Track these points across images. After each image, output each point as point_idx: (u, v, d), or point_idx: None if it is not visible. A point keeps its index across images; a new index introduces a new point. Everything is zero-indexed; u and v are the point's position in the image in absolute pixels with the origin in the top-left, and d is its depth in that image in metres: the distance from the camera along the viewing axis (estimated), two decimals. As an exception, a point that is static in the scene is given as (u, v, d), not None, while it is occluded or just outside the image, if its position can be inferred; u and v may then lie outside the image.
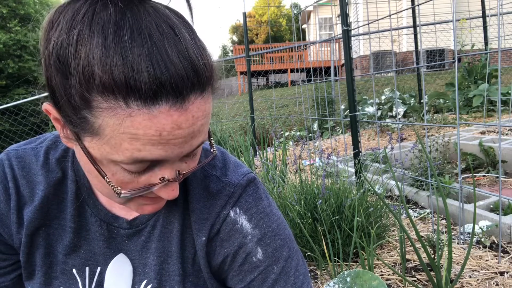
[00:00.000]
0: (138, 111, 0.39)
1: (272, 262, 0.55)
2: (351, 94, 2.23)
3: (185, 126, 0.42)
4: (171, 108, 0.40)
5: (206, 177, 0.59)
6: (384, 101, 4.68)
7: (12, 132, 7.78)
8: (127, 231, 0.58)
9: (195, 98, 0.41)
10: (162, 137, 0.41)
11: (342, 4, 2.15)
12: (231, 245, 0.55)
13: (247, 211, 0.56)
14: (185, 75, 0.39)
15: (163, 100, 0.39)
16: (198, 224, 0.56)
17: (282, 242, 0.56)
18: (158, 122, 0.39)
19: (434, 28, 8.05)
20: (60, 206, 0.58)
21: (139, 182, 0.46)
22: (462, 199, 1.79)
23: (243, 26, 4.22)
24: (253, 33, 33.49)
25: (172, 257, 0.57)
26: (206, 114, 0.44)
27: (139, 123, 0.39)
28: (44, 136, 0.62)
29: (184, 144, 0.43)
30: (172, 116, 0.40)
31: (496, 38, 5.29)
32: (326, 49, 11.52)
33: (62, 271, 0.57)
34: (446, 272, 1.28)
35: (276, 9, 32.34)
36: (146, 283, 0.57)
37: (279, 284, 0.55)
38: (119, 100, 0.38)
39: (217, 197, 0.57)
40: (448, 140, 3.04)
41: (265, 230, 0.56)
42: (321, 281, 1.54)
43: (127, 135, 0.40)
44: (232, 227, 0.55)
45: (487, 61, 4.45)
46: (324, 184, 1.70)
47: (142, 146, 0.41)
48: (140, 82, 0.38)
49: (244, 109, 8.24)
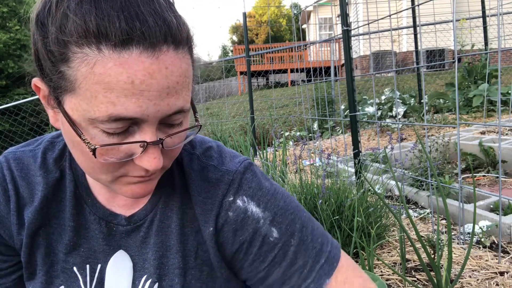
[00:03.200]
0: (109, 56, 0.40)
1: (289, 237, 0.56)
2: (351, 94, 2.23)
3: (158, 76, 0.42)
4: (141, 54, 0.40)
5: (204, 168, 0.59)
6: (384, 101, 4.68)
7: (12, 132, 7.78)
8: (126, 227, 0.58)
9: (167, 50, 0.42)
10: (135, 86, 0.41)
11: (342, 4, 2.15)
12: (245, 233, 0.56)
13: (254, 197, 0.57)
14: (157, 26, 0.41)
15: (134, 46, 0.40)
16: (204, 215, 0.57)
17: (293, 215, 0.58)
18: (129, 67, 0.40)
19: (434, 28, 8.05)
20: (59, 206, 0.58)
21: (120, 150, 0.45)
22: (462, 199, 1.79)
23: (243, 26, 4.22)
24: (253, 33, 33.49)
25: (171, 251, 0.57)
26: (183, 73, 0.44)
27: (110, 69, 0.40)
28: (41, 138, 0.63)
29: (160, 101, 0.43)
30: (144, 63, 0.41)
31: (496, 38, 5.29)
32: (326, 49, 11.52)
33: (63, 270, 0.58)
34: (446, 272, 1.28)
35: (276, 9, 32.34)
36: (145, 278, 0.57)
37: (300, 253, 0.56)
38: (91, 47, 0.40)
39: (218, 186, 0.57)
40: (448, 140, 3.04)
41: (275, 210, 0.57)
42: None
43: (101, 86, 0.40)
44: (244, 216, 0.56)
45: (487, 61, 4.45)
46: (324, 184, 1.70)
47: (116, 98, 0.41)
48: (111, 29, 0.39)
49: (244, 109, 8.24)
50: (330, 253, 0.58)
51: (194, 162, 0.59)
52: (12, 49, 12.30)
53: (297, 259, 0.56)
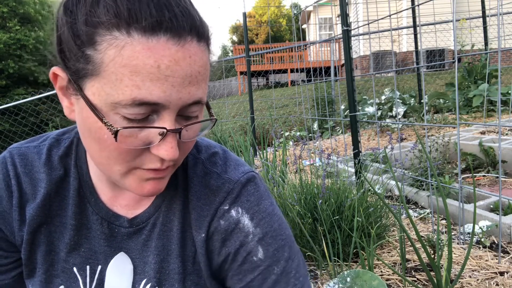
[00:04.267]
0: (138, 40, 0.41)
1: (273, 262, 0.54)
2: (351, 94, 2.23)
3: (183, 64, 0.43)
4: (168, 41, 0.42)
5: (207, 174, 0.58)
6: (384, 101, 4.68)
7: (12, 132, 7.77)
8: (128, 230, 0.58)
9: (191, 40, 0.44)
10: (161, 71, 0.42)
11: (342, 4, 2.15)
12: (232, 244, 0.55)
13: (249, 210, 0.56)
14: (183, 17, 0.43)
15: (162, 33, 0.42)
16: (198, 221, 0.56)
17: (283, 242, 0.56)
18: (156, 52, 0.41)
19: (434, 28, 8.05)
20: (62, 204, 0.58)
21: (138, 137, 0.45)
22: (462, 199, 1.79)
23: (243, 26, 4.22)
24: (253, 33, 33.49)
25: (172, 256, 0.57)
26: (204, 64, 0.46)
27: (138, 52, 0.41)
28: (47, 135, 0.62)
29: (182, 88, 0.44)
30: (170, 49, 0.42)
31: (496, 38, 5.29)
32: (326, 49, 11.52)
33: (63, 269, 0.58)
34: (446, 272, 1.27)
35: (276, 9, 32.34)
36: (145, 282, 0.57)
37: (279, 285, 0.54)
38: (121, 30, 0.41)
39: (216, 193, 0.57)
40: (448, 140, 3.04)
41: (266, 229, 0.55)
42: (321, 281, 1.54)
43: (127, 69, 0.41)
44: (235, 226, 0.55)
45: (487, 61, 4.46)
46: (324, 184, 1.70)
47: (142, 82, 0.42)
48: (143, 14, 0.41)
49: (244, 109, 8.24)
50: None
51: (198, 167, 0.59)
52: (12, 49, 12.29)
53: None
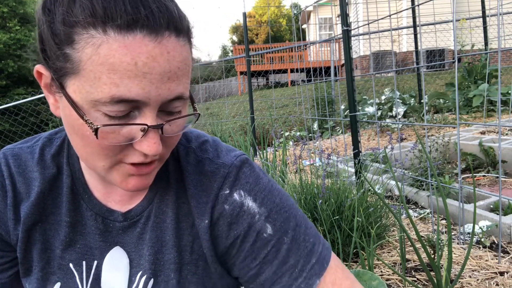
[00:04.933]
0: (114, 38, 0.41)
1: (282, 234, 0.57)
2: (351, 94, 2.23)
3: (161, 60, 0.43)
4: (145, 37, 0.42)
5: (200, 161, 0.59)
6: (384, 101, 4.68)
7: (12, 132, 7.78)
8: (123, 223, 0.58)
9: (169, 35, 0.44)
10: (138, 68, 0.42)
11: (342, 4, 2.15)
12: (240, 227, 0.56)
13: (251, 192, 0.57)
14: (160, 13, 0.43)
15: (138, 29, 0.42)
16: (199, 208, 0.57)
17: (288, 214, 0.58)
18: (133, 49, 0.41)
19: (434, 28, 8.05)
20: (56, 202, 0.59)
21: (120, 134, 0.46)
22: (462, 199, 1.79)
23: (243, 26, 4.22)
24: (253, 33, 33.48)
25: (167, 246, 0.57)
26: (183, 59, 0.46)
27: (115, 50, 0.41)
28: (40, 135, 0.63)
29: (161, 84, 0.44)
30: (147, 46, 0.42)
31: (496, 38, 5.29)
32: (326, 49, 11.52)
33: (59, 266, 0.58)
34: (446, 272, 1.28)
35: (276, 9, 32.33)
36: (141, 274, 0.57)
37: (292, 252, 0.57)
38: (97, 29, 0.41)
39: (213, 179, 0.58)
40: (448, 140, 3.04)
41: (270, 206, 0.57)
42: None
43: (105, 67, 0.41)
44: (240, 210, 0.57)
45: (487, 61, 4.46)
46: (324, 184, 1.70)
47: (120, 79, 0.42)
48: (118, 12, 0.41)
49: (244, 109, 8.24)
50: (321, 254, 0.58)
51: (190, 156, 0.60)
52: (12, 49, 12.29)
53: (289, 257, 0.57)
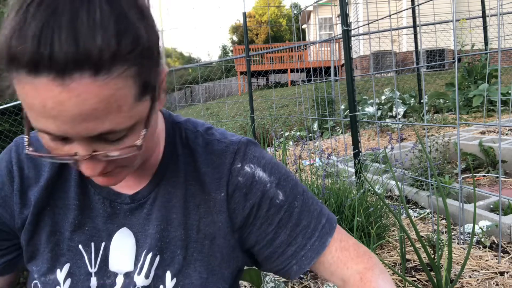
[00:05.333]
0: (25, 81, 0.41)
1: (293, 199, 0.63)
2: (351, 94, 2.23)
3: (69, 104, 0.41)
4: (50, 82, 0.40)
5: (208, 143, 0.64)
6: (384, 101, 4.68)
7: (12, 132, 7.78)
8: (130, 205, 0.61)
9: (81, 78, 0.40)
10: (47, 111, 0.42)
11: (342, 4, 2.15)
12: (254, 196, 0.61)
13: (260, 164, 0.63)
14: (67, 52, 0.39)
15: (45, 73, 0.39)
16: (214, 184, 0.61)
17: (294, 181, 0.65)
18: (41, 93, 0.41)
19: (434, 28, 8.05)
20: (65, 186, 0.62)
21: (63, 150, 0.47)
22: (462, 199, 1.79)
23: (243, 26, 4.22)
24: (253, 33, 33.50)
25: (172, 225, 0.60)
26: (104, 99, 0.42)
27: (27, 92, 0.41)
28: None
29: (76, 125, 0.43)
30: (53, 91, 0.40)
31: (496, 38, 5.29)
32: (326, 49, 11.52)
33: (69, 248, 0.61)
34: (446, 272, 1.28)
35: (276, 9, 32.34)
36: (146, 252, 0.60)
37: (303, 214, 0.63)
38: (12, 71, 0.41)
39: (224, 155, 0.62)
40: (448, 140, 3.04)
41: (279, 175, 0.63)
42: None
43: (26, 105, 0.43)
44: (252, 180, 0.61)
45: (487, 61, 4.46)
46: (324, 184, 1.70)
47: (37, 117, 0.43)
48: (23, 56, 0.39)
49: (244, 109, 8.24)
50: (329, 215, 0.66)
51: (199, 139, 0.64)
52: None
53: (301, 220, 0.63)
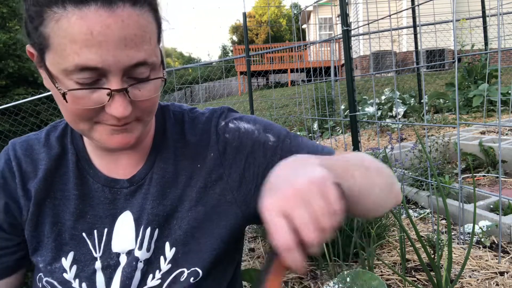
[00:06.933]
0: (72, 11, 0.45)
1: (284, 137, 0.65)
2: (351, 94, 2.23)
3: (115, 28, 0.46)
4: (99, 9, 0.46)
5: (194, 118, 0.67)
6: (384, 101, 4.68)
7: (12, 132, 7.77)
8: (129, 189, 0.63)
9: (124, 5, 0.47)
10: (94, 37, 0.46)
11: (342, 4, 2.15)
12: (246, 146, 0.64)
13: (242, 118, 0.66)
14: None
15: (92, 2, 0.46)
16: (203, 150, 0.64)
17: (279, 126, 0.68)
18: (88, 20, 0.45)
19: (434, 28, 8.04)
20: (63, 178, 0.64)
21: (90, 99, 0.50)
22: (462, 199, 1.79)
23: (243, 26, 4.22)
24: (253, 33, 33.49)
25: (168, 198, 0.63)
26: (141, 27, 0.49)
27: (73, 22, 0.45)
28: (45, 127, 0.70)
29: (119, 51, 0.47)
30: (101, 16, 0.46)
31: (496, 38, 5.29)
32: (326, 49, 11.51)
33: (71, 237, 0.62)
34: (446, 272, 1.27)
35: (276, 9, 32.33)
36: (145, 227, 0.62)
37: (299, 147, 0.65)
38: (58, 5, 0.46)
39: (209, 122, 0.66)
40: (448, 140, 3.04)
41: (263, 123, 0.67)
42: (321, 281, 1.54)
43: (66, 39, 0.46)
44: (239, 133, 0.64)
45: (487, 61, 4.46)
46: (324, 184, 1.69)
47: (80, 49, 0.46)
48: None
49: (244, 109, 8.23)
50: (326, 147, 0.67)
51: (185, 116, 0.68)
52: (12, 49, 12.28)
53: (300, 152, 0.63)
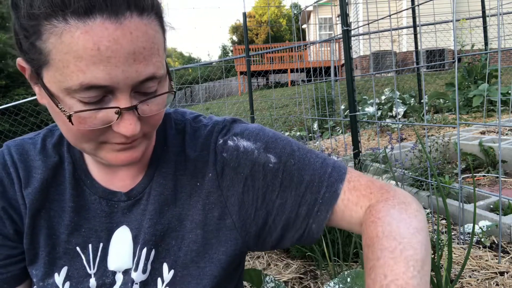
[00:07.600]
0: (75, 25, 0.41)
1: (288, 158, 0.58)
2: (351, 94, 2.23)
3: (123, 41, 0.42)
4: (105, 21, 0.41)
5: (196, 130, 0.63)
6: (384, 101, 4.68)
7: (12, 132, 7.77)
8: (127, 203, 0.60)
9: (131, 15, 0.43)
10: (101, 53, 0.42)
11: (342, 4, 2.15)
12: (245, 168, 0.58)
13: (242, 134, 0.60)
14: None
15: (97, 14, 0.41)
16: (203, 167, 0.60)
17: (285, 141, 0.60)
18: (94, 34, 0.41)
19: (434, 28, 8.04)
20: (59, 189, 0.60)
21: (97, 118, 0.47)
22: (462, 199, 1.79)
23: (243, 26, 4.22)
24: (253, 33, 33.48)
25: (165, 217, 0.59)
26: (149, 38, 0.45)
27: (77, 37, 0.41)
28: (42, 130, 0.66)
29: (128, 67, 0.43)
30: (108, 29, 0.41)
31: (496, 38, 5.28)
32: (326, 49, 11.51)
33: (65, 251, 0.59)
34: (446, 272, 1.27)
35: (276, 9, 32.33)
36: (141, 247, 0.59)
37: (304, 170, 0.58)
38: (58, 18, 0.41)
39: (209, 137, 0.61)
40: (448, 140, 3.04)
41: (265, 139, 0.60)
42: (321, 281, 1.54)
43: (70, 55, 0.42)
44: (237, 152, 0.59)
45: (487, 61, 4.46)
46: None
47: (86, 66, 0.42)
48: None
49: (244, 109, 8.24)
50: (335, 163, 0.60)
51: (187, 127, 0.63)
52: (12, 49, 12.29)
53: (303, 175, 0.58)
